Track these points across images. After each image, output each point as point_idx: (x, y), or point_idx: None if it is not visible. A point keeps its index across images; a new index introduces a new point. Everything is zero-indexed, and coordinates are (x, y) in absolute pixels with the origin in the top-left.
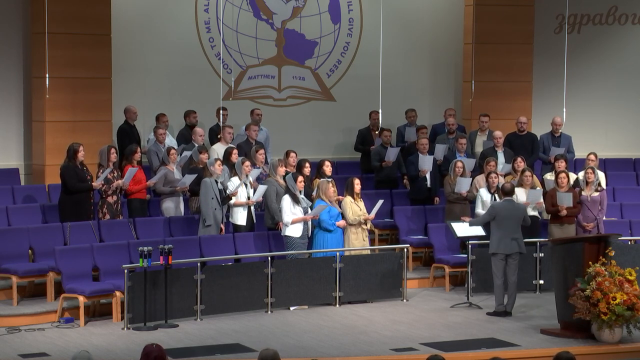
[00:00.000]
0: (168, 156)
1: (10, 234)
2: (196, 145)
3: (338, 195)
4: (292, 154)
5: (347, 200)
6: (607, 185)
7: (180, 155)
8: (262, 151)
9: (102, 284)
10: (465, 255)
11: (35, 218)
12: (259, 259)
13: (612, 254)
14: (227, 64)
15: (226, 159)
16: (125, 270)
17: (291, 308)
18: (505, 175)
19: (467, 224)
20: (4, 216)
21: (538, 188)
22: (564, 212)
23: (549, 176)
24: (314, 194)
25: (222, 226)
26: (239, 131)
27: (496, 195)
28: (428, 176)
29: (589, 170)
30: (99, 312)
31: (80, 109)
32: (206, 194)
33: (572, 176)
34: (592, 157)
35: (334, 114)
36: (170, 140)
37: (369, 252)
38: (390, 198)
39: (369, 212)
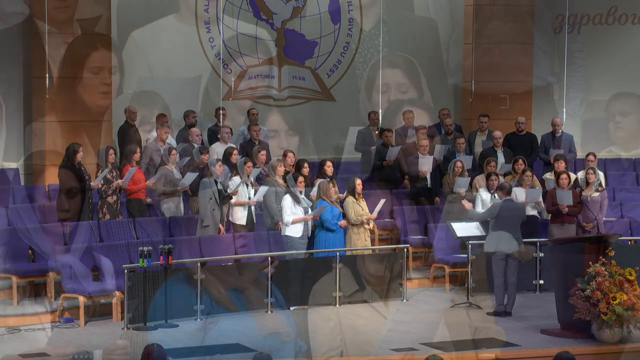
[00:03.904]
0: (169, 156)
1: (10, 234)
2: (196, 145)
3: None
4: (290, 154)
5: (349, 200)
6: (607, 185)
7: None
8: (263, 152)
9: (102, 284)
10: (465, 255)
11: (35, 218)
12: (259, 259)
13: (612, 254)
14: (227, 64)
15: (226, 159)
16: (125, 270)
17: (291, 308)
18: (504, 175)
19: (467, 220)
20: (4, 216)
21: (538, 188)
22: (566, 210)
23: (549, 176)
24: (312, 193)
25: (221, 226)
26: (237, 131)
27: (496, 195)
28: (428, 176)
29: (590, 171)
30: (99, 312)
31: (80, 109)
32: (204, 194)
33: (572, 176)
34: (591, 157)
35: (334, 114)
36: (170, 140)
37: (370, 252)
38: (390, 198)
39: (371, 212)
